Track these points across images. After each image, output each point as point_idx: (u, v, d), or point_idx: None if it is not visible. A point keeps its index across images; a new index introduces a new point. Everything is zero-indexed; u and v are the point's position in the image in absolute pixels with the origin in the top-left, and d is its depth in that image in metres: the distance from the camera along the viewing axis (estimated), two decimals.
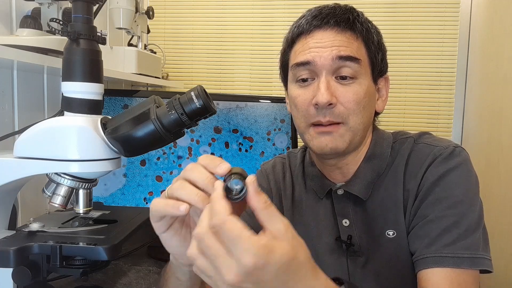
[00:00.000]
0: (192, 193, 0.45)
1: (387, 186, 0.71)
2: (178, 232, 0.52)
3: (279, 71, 0.79)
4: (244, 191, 0.43)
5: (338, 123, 0.67)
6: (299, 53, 0.70)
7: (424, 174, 0.67)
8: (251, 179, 0.43)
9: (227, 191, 0.43)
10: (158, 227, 0.50)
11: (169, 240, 0.52)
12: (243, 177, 0.43)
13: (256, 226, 0.43)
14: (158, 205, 0.47)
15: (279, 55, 0.78)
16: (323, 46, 0.67)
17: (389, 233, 0.69)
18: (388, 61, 0.75)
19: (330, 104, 0.66)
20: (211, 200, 0.42)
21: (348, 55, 0.67)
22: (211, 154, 0.48)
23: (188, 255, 0.43)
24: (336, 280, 0.49)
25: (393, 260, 0.69)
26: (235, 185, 0.43)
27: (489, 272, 0.63)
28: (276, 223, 0.42)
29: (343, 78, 0.67)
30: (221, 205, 0.41)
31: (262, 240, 0.40)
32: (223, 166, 0.45)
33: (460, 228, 0.62)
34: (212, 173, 0.46)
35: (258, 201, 0.42)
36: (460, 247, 0.61)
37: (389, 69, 0.76)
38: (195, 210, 0.50)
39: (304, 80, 0.69)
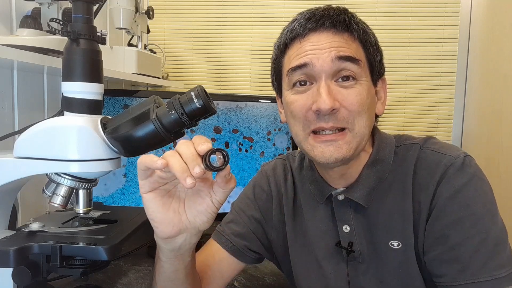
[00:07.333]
0: (177, 162, 0.50)
1: (393, 195, 0.67)
2: (159, 196, 0.56)
3: (271, 80, 0.76)
4: (220, 166, 0.51)
5: (342, 130, 0.63)
6: (294, 58, 0.65)
7: (437, 188, 0.63)
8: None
9: (207, 161, 0.50)
10: (142, 185, 0.55)
11: (149, 201, 0.56)
12: (223, 154, 0.51)
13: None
14: (142, 159, 0.52)
15: (271, 63, 0.74)
16: (321, 48, 0.63)
17: (393, 243, 0.66)
18: (388, 61, 0.74)
19: (333, 109, 0.61)
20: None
21: (348, 55, 0.62)
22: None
23: None
24: None
25: (397, 271, 0.66)
26: (213, 161, 0.51)
27: None
28: None
29: (344, 79, 0.63)
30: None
31: None
32: (203, 146, 0.51)
33: (488, 246, 0.59)
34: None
35: None
36: (494, 266, 0.58)
37: (389, 69, 0.75)
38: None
39: (301, 84, 0.65)
